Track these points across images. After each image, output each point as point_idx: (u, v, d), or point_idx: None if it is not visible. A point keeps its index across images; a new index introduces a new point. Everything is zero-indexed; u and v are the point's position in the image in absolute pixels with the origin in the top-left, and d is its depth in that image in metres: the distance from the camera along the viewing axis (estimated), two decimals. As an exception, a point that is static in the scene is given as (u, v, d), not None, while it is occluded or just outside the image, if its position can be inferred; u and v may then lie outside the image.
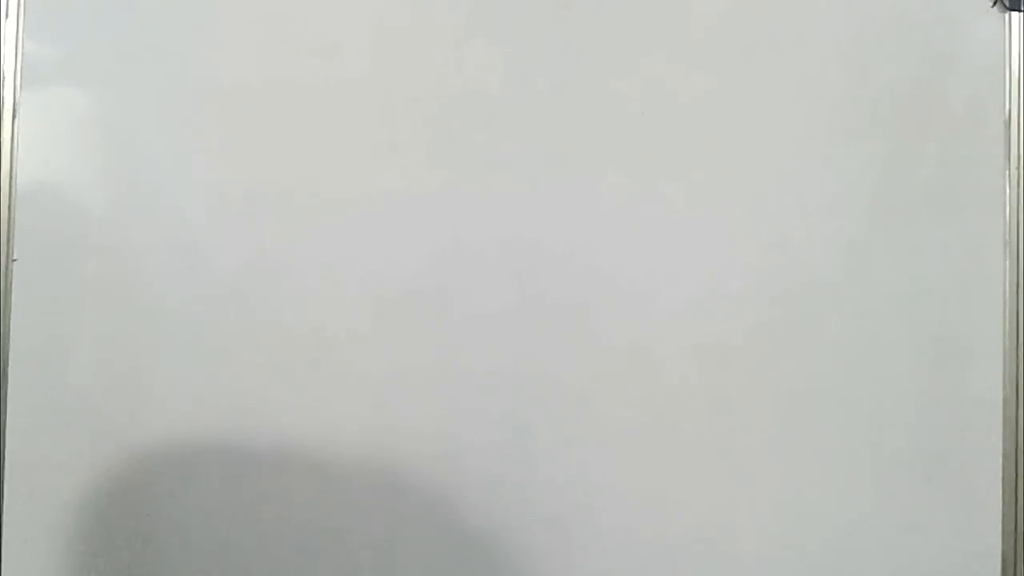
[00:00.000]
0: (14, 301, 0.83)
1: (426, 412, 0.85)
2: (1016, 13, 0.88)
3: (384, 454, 0.85)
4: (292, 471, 0.85)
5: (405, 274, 0.85)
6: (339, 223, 0.85)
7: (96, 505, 0.84)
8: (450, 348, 0.85)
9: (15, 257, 0.83)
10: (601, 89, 0.86)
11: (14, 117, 0.84)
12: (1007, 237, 0.88)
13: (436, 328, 0.85)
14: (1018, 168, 0.88)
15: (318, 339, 0.85)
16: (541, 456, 0.85)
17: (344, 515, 0.85)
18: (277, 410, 0.85)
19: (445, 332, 0.85)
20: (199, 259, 0.85)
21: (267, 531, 0.85)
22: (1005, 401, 0.87)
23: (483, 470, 0.85)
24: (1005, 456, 0.87)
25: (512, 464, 0.85)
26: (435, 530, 0.85)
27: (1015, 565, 0.86)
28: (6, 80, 0.84)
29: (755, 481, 0.86)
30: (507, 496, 0.85)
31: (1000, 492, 0.86)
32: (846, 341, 0.87)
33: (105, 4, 0.85)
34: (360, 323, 0.85)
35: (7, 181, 0.84)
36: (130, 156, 0.85)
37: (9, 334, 0.83)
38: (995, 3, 0.88)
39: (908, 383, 0.87)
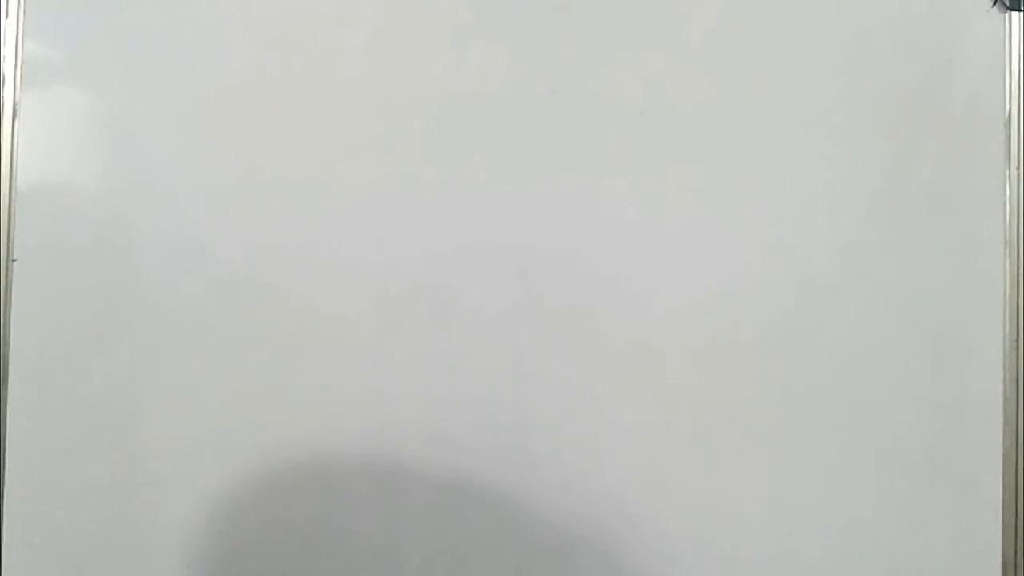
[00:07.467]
0: (14, 301, 0.83)
1: (428, 410, 0.85)
2: (1016, 13, 0.88)
3: (385, 452, 0.85)
4: (293, 468, 0.85)
5: (406, 272, 0.85)
6: (340, 222, 0.85)
7: (96, 504, 0.84)
8: (451, 347, 0.85)
9: (15, 257, 0.83)
10: (601, 89, 0.86)
11: (14, 117, 0.84)
12: (1007, 237, 0.88)
13: (437, 327, 0.85)
14: (1018, 168, 0.88)
15: (320, 337, 0.85)
16: (542, 454, 0.85)
17: (345, 512, 0.85)
18: (277, 408, 0.85)
19: (446, 331, 0.85)
20: (199, 258, 0.85)
21: (268, 529, 0.85)
22: (1005, 401, 0.87)
23: (484, 468, 0.85)
24: (1005, 456, 0.87)
25: (513, 462, 0.85)
26: (435, 528, 0.85)
27: (1015, 565, 0.86)
28: (6, 80, 0.84)
29: (755, 481, 0.86)
30: (508, 494, 0.85)
31: (1000, 492, 0.86)
32: (846, 341, 0.87)
33: (105, 4, 0.85)
34: (361, 322, 0.85)
35: (7, 181, 0.84)
36: (130, 156, 0.85)
37: (9, 334, 0.83)
38: (995, 3, 0.88)
39: (908, 383, 0.87)
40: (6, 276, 0.83)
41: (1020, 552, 0.86)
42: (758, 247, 0.87)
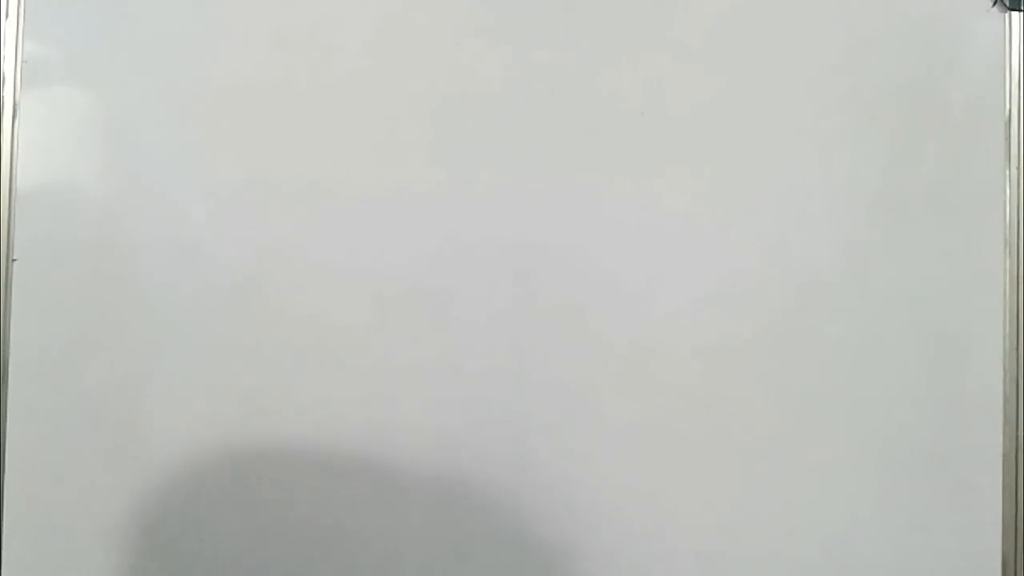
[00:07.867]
0: (14, 301, 0.83)
1: (427, 411, 0.85)
2: (1016, 13, 0.88)
3: (385, 453, 0.85)
4: (293, 469, 0.85)
5: (406, 273, 0.85)
6: (340, 222, 0.85)
7: (96, 505, 0.84)
8: (450, 347, 0.85)
9: (15, 257, 0.83)
10: (601, 89, 0.86)
11: (14, 117, 0.84)
12: (1007, 237, 0.88)
13: (436, 327, 0.85)
14: (1018, 168, 0.88)
15: (320, 338, 0.85)
16: (541, 455, 0.85)
17: (345, 514, 0.85)
18: (278, 409, 0.85)
19: (445, 331, 0.85)
20: (199, 258, 0.85)
21: (268, 529, 0.85)
22: (1005, 401, 0.87)
23: (483, 470, 0.85)
24: (1005, 456, 0.87)
25: (512, 463, 0.85)
26: (434, 529, 0.85)
27: (1015, 565, 0.86)
28: (6, 80, 0.84)
29: (754, 481, 0.86)
30: (507, 495, 0.85)
31: (1000, 492, 0.86)
32: (846, 341, 0.87)
33: (105, 4, 0.85)
34: (361, 322, 0.85)
35: (7, 181, 0.84)
36: (130, 156, 0.85)
37: (9, 334, 0.83)
38: (995, 3, 0.88)
39: (908, 383, 0.87)
40: (6, 276, 0.83)
41: (1020, 552, 0.86)
42: (758, 247, 0.87)
